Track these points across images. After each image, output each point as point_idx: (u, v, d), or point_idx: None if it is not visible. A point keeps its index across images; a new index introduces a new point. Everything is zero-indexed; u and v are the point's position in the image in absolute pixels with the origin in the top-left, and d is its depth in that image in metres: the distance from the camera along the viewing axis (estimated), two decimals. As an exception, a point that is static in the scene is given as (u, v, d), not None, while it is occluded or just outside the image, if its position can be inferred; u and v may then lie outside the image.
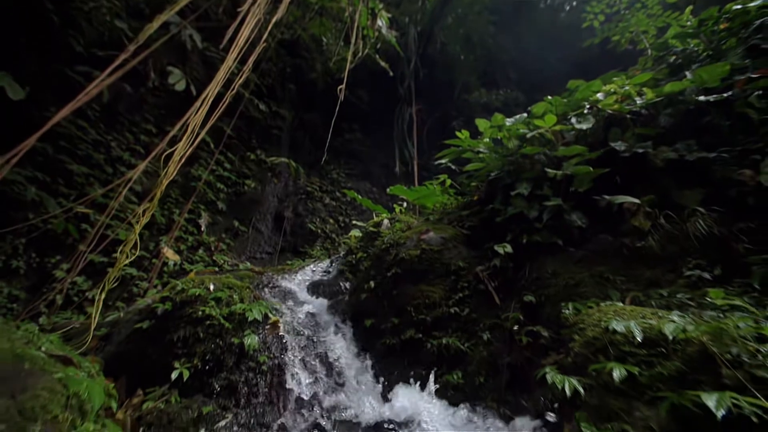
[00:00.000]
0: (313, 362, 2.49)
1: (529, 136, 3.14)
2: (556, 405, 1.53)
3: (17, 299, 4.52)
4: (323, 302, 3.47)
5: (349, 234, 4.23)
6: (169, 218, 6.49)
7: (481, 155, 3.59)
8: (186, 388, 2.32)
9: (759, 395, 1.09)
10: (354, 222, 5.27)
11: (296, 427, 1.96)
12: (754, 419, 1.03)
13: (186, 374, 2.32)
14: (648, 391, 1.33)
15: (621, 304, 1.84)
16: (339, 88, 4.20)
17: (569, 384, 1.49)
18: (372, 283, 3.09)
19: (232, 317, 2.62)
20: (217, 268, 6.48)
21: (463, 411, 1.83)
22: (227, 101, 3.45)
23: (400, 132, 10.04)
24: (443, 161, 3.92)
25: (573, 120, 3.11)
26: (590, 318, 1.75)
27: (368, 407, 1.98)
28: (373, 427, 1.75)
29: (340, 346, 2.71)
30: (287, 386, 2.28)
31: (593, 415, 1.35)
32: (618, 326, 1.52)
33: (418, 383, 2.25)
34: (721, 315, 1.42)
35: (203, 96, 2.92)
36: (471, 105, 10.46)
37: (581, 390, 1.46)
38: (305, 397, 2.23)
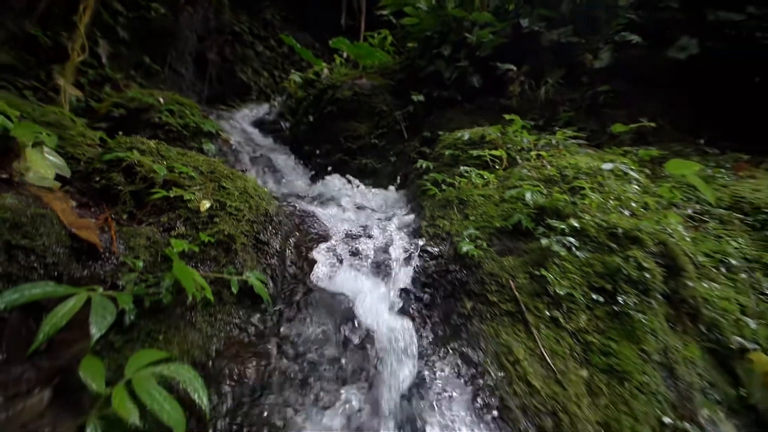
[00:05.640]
0: (262, 167, 3.50)
1: (459, -3, 3.75)
2: (411, 177, 2.85)
3: None
4: (266, 135, 4.28)
5: (289, 78, 4.73)
6: (55, 41, 5.76)
7: (419, 11, 4.13)
8: (158, 176, 3.17)
9: (500, 153, 2.43)
10: (293, 71, 5.59)
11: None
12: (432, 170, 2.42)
13: (156, 164, 3.13)
14: (460, 162, 2.66)
15: (474, 129, 3.10)
16: None
17: (426, 164, 2.78)
18: (310, 118, 3.95)
19: (188, 128, 3.32)
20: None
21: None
22: None
23: (350, -29, 9.04)
24: (385, 12, 4.34)
25: (498, -12, 3.77)
26: (452, 135, 2.99)
27: (305, 187, 3.18)
28: (311, 197, 2.95)
29: (283, 160, 3.73)
30: (243, 179, 3.30)
31: (433, 173, 2.66)
32: (459, 134, 2.76)
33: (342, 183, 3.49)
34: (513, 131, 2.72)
35: None
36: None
37: (431, 166, 2.77)
38: (258, 186, 3.32)
